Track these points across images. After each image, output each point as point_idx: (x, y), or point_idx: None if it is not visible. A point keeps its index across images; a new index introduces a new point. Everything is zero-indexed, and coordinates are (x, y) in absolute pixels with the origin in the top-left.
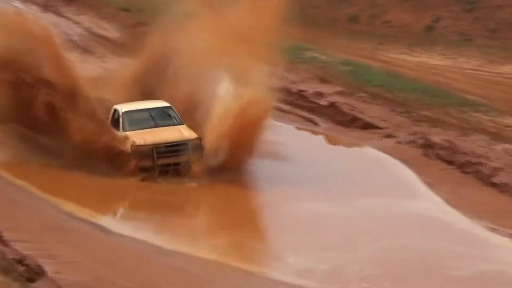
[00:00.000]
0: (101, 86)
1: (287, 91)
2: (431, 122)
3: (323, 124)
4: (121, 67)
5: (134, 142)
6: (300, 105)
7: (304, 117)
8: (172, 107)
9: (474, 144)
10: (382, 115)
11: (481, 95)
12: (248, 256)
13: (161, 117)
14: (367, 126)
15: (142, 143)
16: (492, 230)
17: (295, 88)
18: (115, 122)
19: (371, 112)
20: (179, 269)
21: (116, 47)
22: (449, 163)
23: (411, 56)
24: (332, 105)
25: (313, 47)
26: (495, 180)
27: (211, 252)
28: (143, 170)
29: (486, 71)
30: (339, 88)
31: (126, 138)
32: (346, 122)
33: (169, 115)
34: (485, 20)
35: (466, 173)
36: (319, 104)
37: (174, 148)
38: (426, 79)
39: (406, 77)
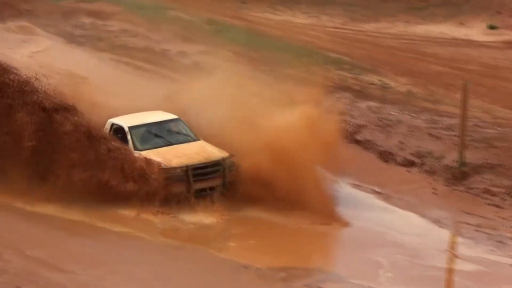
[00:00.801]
0: None
1: (151, 50)
2: (296, 80)
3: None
4: None
5: (161, 164)
6: (164, 65)
7: (168, 77)
8: (181, 119)
9: (339, 102)
10: (246, 74)
11: (344, 53)
12: (115, 219)
13: (174, 132)
14: None
15: (173, 165)
16: (356, 186)
17: (158, 47)
18: (118, 139)
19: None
20: (42, 231)
21: None
22: None
23: (274, 14)
24: (196, 64)
25: (175, 6)
26: (358, 137)
27: (77, 214)
28: (173, 198)
29: (349, 29)
30: (203, 47)
31: (143, 159)
32: None
33: (182, 129)
34: None
35: None
36: (183, 63)
37: (209, 169)
38: (290, 38)
39: (270, 36)
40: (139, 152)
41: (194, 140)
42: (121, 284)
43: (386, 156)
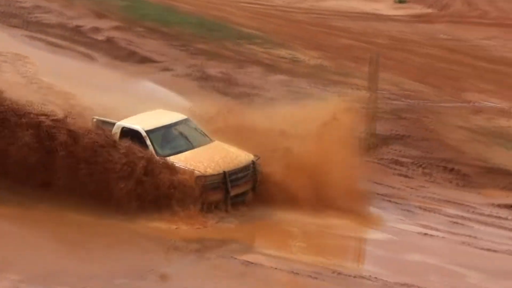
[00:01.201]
0: None
1: (64, 27)
2: (208, 55)
3: (101, 59)
4: None
5: (195, 171)
6: (78, 41)
7: (82, 53)
8: (190, 118)
9: (250, 76)
10: (159, 49)
11: (256, 27)
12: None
13: (191, 134)
14: (144, 60)
15: (209, 172)
16: None
17: (71, 23)
18: (138, 143)
19: (148, 46)
20: None
21: None
22: (225, 94)
23: None
24: (109, 40)
25: None
26: None
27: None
28: (209, 206)
29: (260, 4)
30: (116, 23)
31: (172, 166)
32: (123, 57)
33: (196, 130)
34: None
35: (242, 103)
36: (96, 39)
37: (242, 174)
38: (202, 13)
39: (183, 11)
40: (162, 158)
41: (210, 141)
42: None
43: None
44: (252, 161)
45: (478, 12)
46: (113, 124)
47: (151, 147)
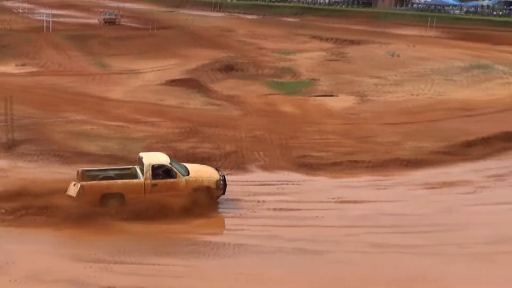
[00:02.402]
0: None
1: None
2: None
3: None
4: None
5: (210, 178)
6: None
7: None
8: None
9: None
10: None
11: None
12: None
13: (178, 162)
14: None
15: (218, 178)
16: None
17: None
18: (164, 174)
19: None
20: None
21: None
22: None
23: None
24: None
25: None
26: None
27: None
28: (216, 199)
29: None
30: None
31: (194, 179)
32: None
33: (177, 160)
34: None
35: None
36: None
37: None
38: None
39: None
40: (188, 177)
41: (186, 166)
42: None
43: None
44: (219, 170)
45: (63, 68)
46: (98, 170)
47: (178, 172)
